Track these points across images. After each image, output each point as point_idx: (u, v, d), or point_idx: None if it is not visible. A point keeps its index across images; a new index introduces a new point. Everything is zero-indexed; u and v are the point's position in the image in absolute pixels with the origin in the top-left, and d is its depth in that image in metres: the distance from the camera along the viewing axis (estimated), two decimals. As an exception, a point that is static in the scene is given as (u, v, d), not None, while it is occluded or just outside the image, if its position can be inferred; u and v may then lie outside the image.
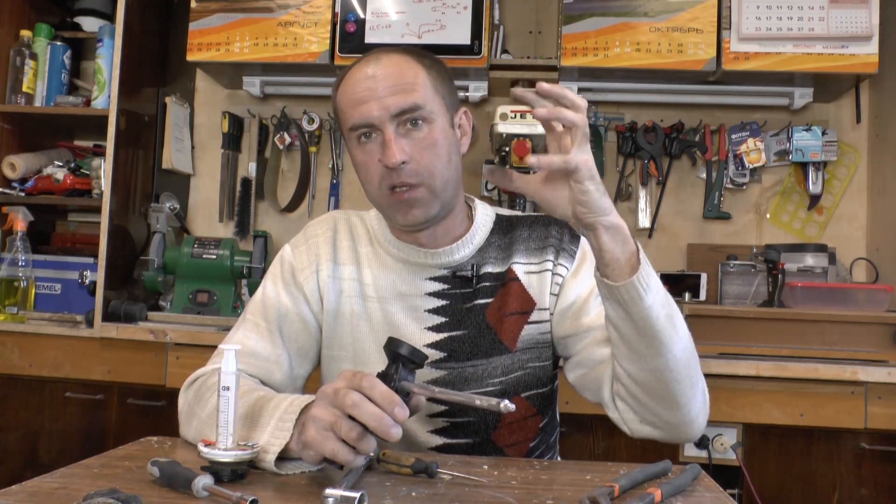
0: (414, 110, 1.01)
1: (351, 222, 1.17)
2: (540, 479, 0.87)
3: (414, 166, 1.01)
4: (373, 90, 1.01)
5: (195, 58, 2.18)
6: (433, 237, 1.09)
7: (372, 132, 1.02)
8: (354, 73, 1.05)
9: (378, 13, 2.13)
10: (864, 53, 2.00)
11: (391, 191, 1.02)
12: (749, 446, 1.77)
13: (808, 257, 2.11)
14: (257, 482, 0.82)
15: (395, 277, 1.11)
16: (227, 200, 2.48)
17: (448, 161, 1.05)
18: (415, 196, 1.02)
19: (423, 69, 1.05)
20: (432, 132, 1.03)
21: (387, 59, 1.05)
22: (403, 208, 1.03)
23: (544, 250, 1.12)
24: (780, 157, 2.31)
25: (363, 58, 1.07)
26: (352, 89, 1.03)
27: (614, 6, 2.08)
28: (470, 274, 1.10)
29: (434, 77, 1.06)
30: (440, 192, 1.04)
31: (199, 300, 2.16)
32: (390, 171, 1.00)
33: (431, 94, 1.04)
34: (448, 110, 1.07)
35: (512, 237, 1.14)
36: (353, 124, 1.03)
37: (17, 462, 2.00)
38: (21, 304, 2.11)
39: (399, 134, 1.01)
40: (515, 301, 1.10)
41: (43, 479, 0.79)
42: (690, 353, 0.95)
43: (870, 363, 1.75)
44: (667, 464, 0.89)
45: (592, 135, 2.35)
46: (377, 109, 1.00)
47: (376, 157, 1.02)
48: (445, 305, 1.10)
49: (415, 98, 1.01)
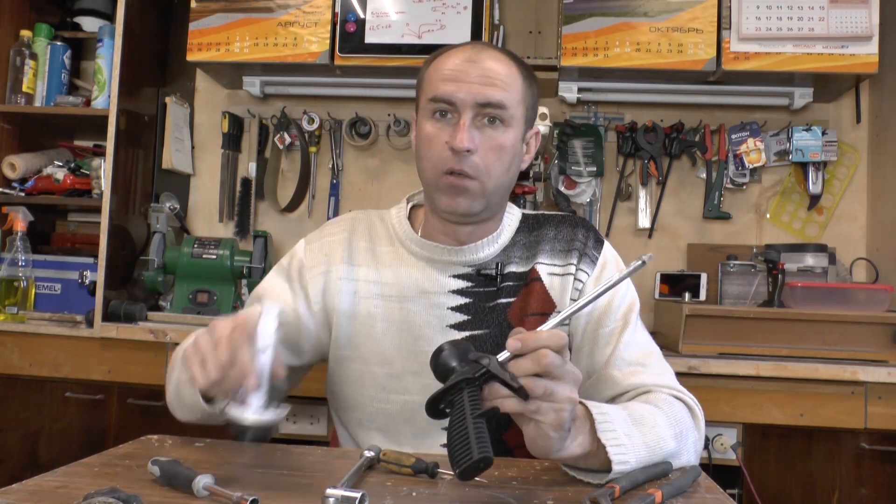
0: (498, 107, 1.02)
1: (370, 223, 1.18)
2: (540, 479, 0.87)
3: (477, 159, 1.02)
4: (468, 73, 1.02)
5: (195, 58, 2.18)
6: (468, 234, 1.10)
7: (449, 111, 1.03)
8: (457, 52, 1.06)
9: (378, 13, 2.13)
10: (864, 53, 2.00)
11: (446, 174, 1.03)
12: (749, 446, 1.76)
13: (808, 257, 2.11)
14: (257, 482, 0.82)
15: (418, 275, 1.11)
16: (227, 200, 2.48)
17: (507, 169, 1.06)
18: (466, 185, 1.03)
19: (520, 75, 1.07)
20: (505, 136, 1.04)
21: (491, 51, 1.06)
22: (451, 193, 1.04)
23: (569, 253, 1.12)
24: (780, 157, 2.31)
25: (466, 43, 1.09)
26: (447, 65, 1.04)
27: (614, 6, 2.08)
28: (494, 272, 1.10)
29: (526, 87, 1.08)
30: (490, 194, 1.05)
31: (199, 300, 2.16)
32: (453, 155, 1.01)
33: (518, 101, 1.06)
34: (525, 124, 1.09)
35: (538, 236, 1.14)
36: (435, 95, 1.03)
37: (17, 462, 1.99)
38: (21, 304, 2.11)
39: (474, 124, 1.02)
40: (537, 302, 1.10)
41: (43, 478, 0.79)
42: (682, 437, 0.93)
43: (870, 363, 1.75)
44: (667, 465, 0.89)
45: (592, 135, 2.35)
46: (465, 92, 1.01)
47: (444, 137, 1.02)
48: (469, 303, 1.10)
49: (503, 96, 1.03)
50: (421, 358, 1.09)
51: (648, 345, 1.09)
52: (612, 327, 1.08)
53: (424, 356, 1.08)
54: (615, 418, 0.86)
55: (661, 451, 0.89)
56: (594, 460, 0.85)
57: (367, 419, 1.13)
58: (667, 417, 0.93)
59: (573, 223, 1.15)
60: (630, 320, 1.09)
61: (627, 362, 1.05)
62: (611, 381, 1.05)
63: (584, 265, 1.11)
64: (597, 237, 1.15)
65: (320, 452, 0.98)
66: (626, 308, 1.10)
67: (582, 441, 0.83)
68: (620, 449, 0.84)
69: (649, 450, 0.87)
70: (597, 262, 1.12)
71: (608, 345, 1.07)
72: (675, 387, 1.04)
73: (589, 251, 1.12)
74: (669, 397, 1.00)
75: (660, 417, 0.92)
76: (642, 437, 0.87)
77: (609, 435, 0.84)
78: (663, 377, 1.05)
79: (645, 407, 0.94)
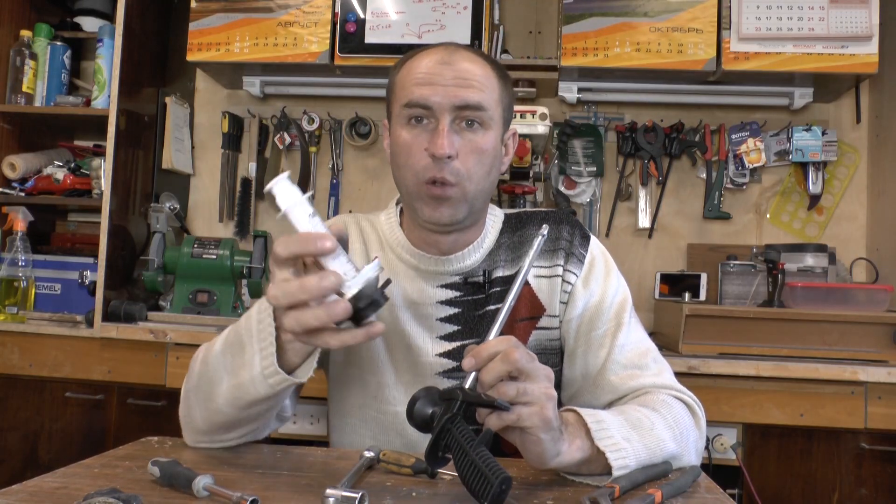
0: (476, 109, 0.99)
1: (361, 227, 1.15)
2: (540, 479, 0.87)
3: (458, 164, 0.98)
4: (442, 75, 0.98)
5: (195, 58, 2.18)
6: (451, 243, 1.07)
7: (425, 117, 0.99)
8: (427, 54, 1.02)
9: (378, 13, 2.13)
10: (864, 53, 2.00)
11: (428, 183, 0.99)
12: (749, 446, 1.77)
13: (808, 257, 2.11)
14: (257, 482, 0.82)
15: (406, 285, 1.08)
16: (227, 200, 2.48)
17: (488, 173, 1.02)
18: (448, 194, 0.99)
19: (495, 75, 1.03)
20: (484, 138, 1.01)
21: (465, 52, 1.02)
22: (433, 203, 1.00)
23: (555, 253, 1.09)
24: (780, 157, 2.31)
25: (437, 45, 1.05)
26: (420, 68, 1.00)
27: (614, 6, 2.08)
28: (482, 280, 1.08)
29: (502, 87, 1.04)
30: (472, 200, 1.02)
31: (199, 300, 2.16)
32: (433, 163, 0.98)
33: (496, 101, 1.02)
34: (503, 125, 1.06)
35: (522, 236, 1.12)
36: (409, 101, 0.99)
37: (17, 462, 1.99)
38: (21, 304, 2.11)
39: (452, 129, 0.98)
40: (525, 307, 1.08)
41: (43, 479, 0.79)
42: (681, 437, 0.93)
43: (870, 363, 1.75)
44: (667, 465, 0.89)
45: (592, 135, 2.35)
46: (441, 95, 0.98)
47: (423, 144, 0.99)
48: (458, 313, 1.08)
49: (481, 98, 0.99)
50: (412, 369, 1.08)
51: (643, 343, 1.08)
52: (605, 329, 1.06)
53: (415, 368, 1.08)
54: (611, 424, 0.85)
55: (662, 453, 0.89)
56: (595, 465, 0.84)
57: (360, 425, 1.12)
58: (664, 420, 0.92)
59: (557, 220, 1.12)
60: (622, 320, 1.07)
61: (623, 366, 1.04)
62: (608, 386, 1.04)
63: (572, 265, 1.09)
64: (582, 233, 1.12)
65: (320, 452, 0.98)
66: (617, 307, 1.08)
67: (581, 445, 0.82)
68: (620, 453, 0.83)
69: (649, 452, 0.87)
70: (584, 261, 1.09)
71: (602, 347, 1.06)
72: (674, 385, 1.03)
73: (575, 250, 1.10)
74: (668, 398, 0.99)
75: (657, 420, 0.91)
76: (641, 440, 0.87)
77: (607, 441, 0.83)
78: (661, 377, 1.04)
79: (642, 410, 0.93)
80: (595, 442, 0.83)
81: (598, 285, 1.08)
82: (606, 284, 1.09)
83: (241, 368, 0.85)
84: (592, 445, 0.83)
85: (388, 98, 1.07)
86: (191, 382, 0.95)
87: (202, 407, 0.92)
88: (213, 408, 0.90)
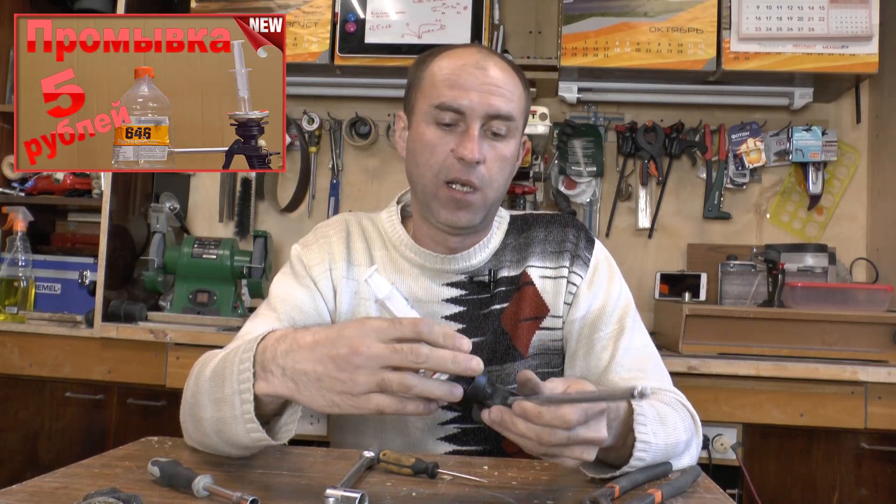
0: (507, 119, 1.01)
1: (363, 225, 1.15)
2: (540, 479, 0.87)
3: (483, 170, 1.00)
4: (480, 81, 1.00)
5: (195, 58, 2.18)
6: (459, 242, 1.08)
7: (455, 121, 1.00)
8: (461, 55, 1.03)
9: (378, 13, 2.13)
10: (864, 53, 2.00)
11: (448, 184, 1.01)
12: (749, 446, 1.76)
13: (808, 257, 2.11)
14: (257, 482, 0.81)
15: (411, 283, 1.09)
16: (227, 200, 2.48)
17: (506, 180, 1.06)
18: (469, 199, 1.01)
19: (521, 84, 1.06)
20: (508, 147, 1.03)
21: (496, 58, 1.04)
22: (452, 206, 1.01)
23: (561, 255, 1.11)
24: (780, 157, 2.31)
25: (468, 45, 1.06)
26: (456, 69, 1.01)
27: (614, 6, 2.08)
28: (487, 279, 1.09)
29: (525, 98, 1.07)
30: (490, 206, 1.04)
31: (199, 300, 2.16)
32: (459, 165, 0.99)
33: (521, 111, 1.05)
34: (522, 134, 1.08)
35: (528, 237, 1.13)
36: (442, 103, 1.00)
37: (17, 462, 1.99)
38: (21, 304, 2.11)
39: (481, 134, 1.00)
40: (529, 306, 1.09)
41: (43, 479, 0.79)
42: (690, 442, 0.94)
43: (870, 363, 1.75)
44: (667, 465, 0.89)
45: (592, 135, 2.35)
46: (478, 102, 0.99)
47: (449, 145, 1.00)
48: (463, 312, 1.09)
49: (511, 108, 1.01)
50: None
51: (647, 349, 1.09)
52: (609, 331, 1.07)
53: None
54: (647, 412, 0.86)
55: (674, 453, 0.89)
56: (613, 455, 0.84)
57: (361, 425, 1.12)
58: (682, 421, 0.93)
59: (563, 223, 1.13)
60: (626, 325, 1.08)
61: (627, 368, 1.05)
62: (611, 387, 1.04)
63: (577, 268, 1.10)
64: (587, 237, 1.13)
65: (320, 453, 0.98)
66: (621, 312, 1.09)
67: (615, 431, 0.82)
68: (644, 446, 0.83)
69: (665, 450, 0.87)
70: (589, 264, 1.10)
71: (605, 350, 1.06)
72: (676, 393, 1.04)
73: (581, 252, 1.11)
74: (677, 401, 0.99)
75: (678, 421, 0.92)
76: (665, 437, 0.87)
77: (641, 429, 0.83)
78: (662, 383, 1.05)
79: (666, 408, 0.93)
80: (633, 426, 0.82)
81: (602, 289, 1.09)
82: (610, 288, 1.10)
83: (223, 402, 0.81)
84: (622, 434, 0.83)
85: (411, 92, 1.07)
86: (187, 393, 0.92)
87: (193, 427, 0.90)
88: (203, 430, 0.87)
